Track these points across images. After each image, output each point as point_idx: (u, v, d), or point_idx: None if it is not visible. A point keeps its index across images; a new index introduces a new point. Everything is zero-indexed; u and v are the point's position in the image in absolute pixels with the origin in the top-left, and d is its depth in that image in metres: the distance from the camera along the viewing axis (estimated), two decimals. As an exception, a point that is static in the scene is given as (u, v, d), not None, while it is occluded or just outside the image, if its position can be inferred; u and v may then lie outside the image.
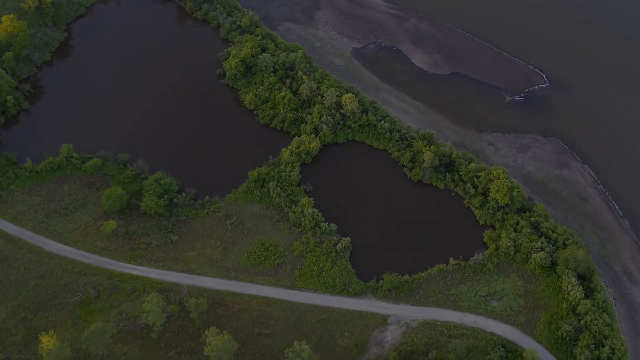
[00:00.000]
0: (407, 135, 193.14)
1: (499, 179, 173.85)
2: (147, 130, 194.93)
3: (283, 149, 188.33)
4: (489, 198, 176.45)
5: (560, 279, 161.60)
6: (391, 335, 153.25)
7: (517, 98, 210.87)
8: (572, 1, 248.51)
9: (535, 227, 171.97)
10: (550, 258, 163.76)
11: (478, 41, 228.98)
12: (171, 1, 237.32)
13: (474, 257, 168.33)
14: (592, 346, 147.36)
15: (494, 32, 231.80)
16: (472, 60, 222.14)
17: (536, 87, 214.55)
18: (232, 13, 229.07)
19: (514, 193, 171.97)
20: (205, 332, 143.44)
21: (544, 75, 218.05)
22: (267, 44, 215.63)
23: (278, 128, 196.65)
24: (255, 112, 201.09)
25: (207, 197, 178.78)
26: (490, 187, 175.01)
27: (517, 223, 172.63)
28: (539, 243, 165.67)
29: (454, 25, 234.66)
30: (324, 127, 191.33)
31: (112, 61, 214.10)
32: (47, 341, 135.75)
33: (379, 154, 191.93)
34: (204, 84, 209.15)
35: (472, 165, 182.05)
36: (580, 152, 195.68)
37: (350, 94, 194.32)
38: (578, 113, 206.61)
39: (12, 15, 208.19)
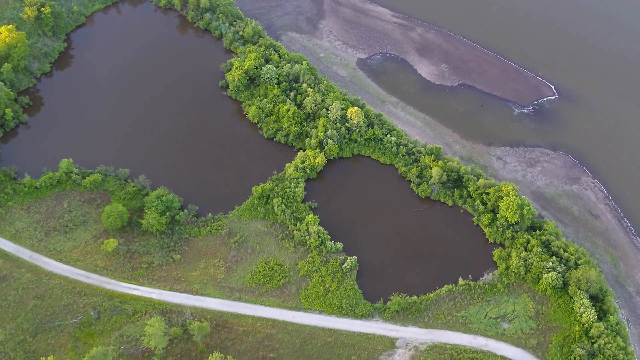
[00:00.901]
0: (414, 149, 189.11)
1: (509, 196, 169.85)
2: (148, 143, 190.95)
3: (287, 164, 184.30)
4: (498, 215, 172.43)
5: (573, 301, 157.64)
6: (399, 359, 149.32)
7: (525, 110, 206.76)
8: (581, 11, 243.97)
9: (546, 245, 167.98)
10: (562, 278, 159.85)
11: (485, 51, 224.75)
12: (173, 10, 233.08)
13: (483, 277, 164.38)
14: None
15: (501, 42, 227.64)
16: (479, 71, 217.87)
17: (545, 99, 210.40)
18: (234, 23, 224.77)
19: (524, 211, 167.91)
20: (209, 358, 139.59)
21: (553, 87, 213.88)
22: (270, 55, 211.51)
23: (282, 142, 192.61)
24: (258, 125, 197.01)
25: (210, 214, 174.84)
26: (500, 204, 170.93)
27: (528, 242, 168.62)
28: (550, 263, 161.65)
29: (460, 35, 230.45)
30: (329, 141, 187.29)
31: (112, 72, 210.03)
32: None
33: (385, 169, 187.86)
34: (207, 96, 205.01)
35: (481, 181, 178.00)
36: (591, 167, 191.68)
37: (356, 108, 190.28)
38: (588, 126, 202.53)
39: (10, 26, 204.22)
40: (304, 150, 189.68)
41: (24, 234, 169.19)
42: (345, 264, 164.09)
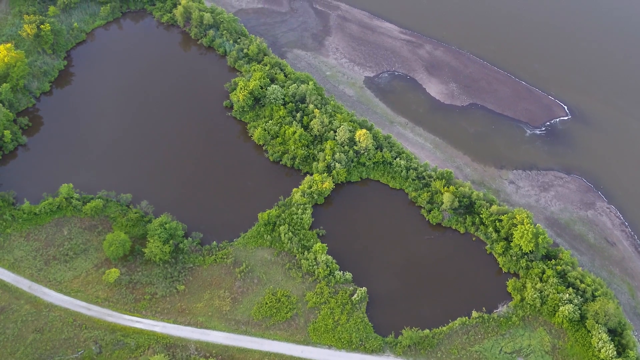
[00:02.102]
0: (424, 173, 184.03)
1: (523, 224, 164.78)
2: (150, 166, 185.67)
3: (294, 189, 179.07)
4: (512, 244, 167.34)
5: (590, 335, 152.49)
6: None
7: (537, 132, 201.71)
8: (594, 28, 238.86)
9: (562, 276, 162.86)
10: (579, 311, 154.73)
11: (495, 69, 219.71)
12: (175, 26, 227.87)
13: (498, 310, 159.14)
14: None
15: (511, 59, 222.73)
16: (489, 90, 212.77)
17: (557, 119, 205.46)
18: (239, 40, 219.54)
19: (539, 240, 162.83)
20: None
21: (566, 107, 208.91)
22: (275, 74, 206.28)
23: (288, 165, 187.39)
24: (264, 147, 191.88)
25: (214, 242, 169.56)
26: (514, 232, 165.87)
27: (543, 272, 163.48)
28: (567, 295, 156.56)
29: (469, 52, 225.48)
30: (337, 165, 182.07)
31: (113, 91, 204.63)
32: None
33: (395, 194, 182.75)
34: (211, 116, 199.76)
35: (494, 207, 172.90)
36: (606, 191, 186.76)
37: (364, 130, 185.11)
38: (602, 148, 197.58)
39: (9, 45, 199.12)
40: (311, 174, 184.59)
41: (23, 263, 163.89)
42: (355, 296, 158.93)
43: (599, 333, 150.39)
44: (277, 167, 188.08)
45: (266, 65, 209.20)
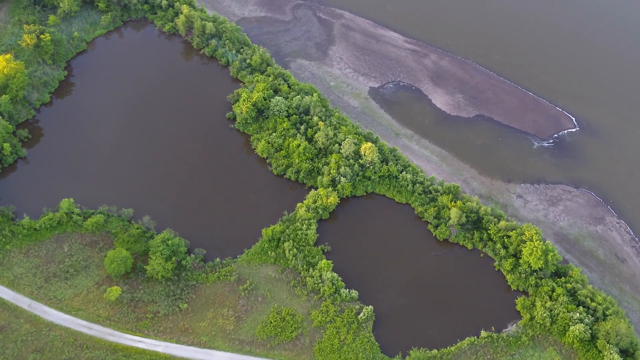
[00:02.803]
0: (430, 187, 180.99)
1: (532, 241, 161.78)
2: (152, 180, 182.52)
3: (299, 204, 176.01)
4: (520, 261, 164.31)
5: (602, 355, 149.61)
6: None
7: (545, 144, 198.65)
8: (602, 38, 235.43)
9: (572, 294, 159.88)
10: (590, 331, 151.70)
11: (502, 80, 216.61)
12: (177, 36, 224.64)
13: (507, 329, 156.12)
14: None
15: (518, 70, 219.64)
16: (496, 101, 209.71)
17: (565, 131, 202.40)
18: (241, 50, 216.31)
19: (549, 257, 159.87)
20: None
21: (574, 119, 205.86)
22: (279, 85, 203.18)
23: (293, 179, 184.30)
24: (267, 160, 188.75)
25: (218, 259, 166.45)
26: (523, 249, 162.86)
27: (553, 290, 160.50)
28: (577, 314, 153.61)
29: (475, 62, 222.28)
30: (342, 179, 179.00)
31: (114, 102, 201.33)
32: None
33: (401, 208, 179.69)
34: (213, 128, 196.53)
35: (502, 223, 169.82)
36: (615, 205, 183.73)
37: (369, 144, 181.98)
38: (611, 161, 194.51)
39: (8, 56, 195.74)
40: (316, 188, 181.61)
41: (23, 280, 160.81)
42: (361, 314, 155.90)
43: (611, 353, 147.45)
44: (281, 181, 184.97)
45: (269, 76, 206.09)
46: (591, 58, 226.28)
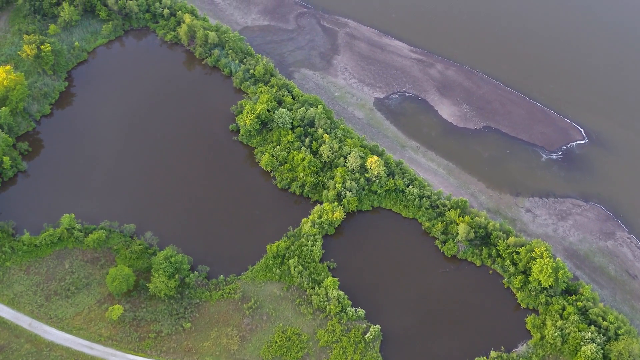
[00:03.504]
0: (437, 202, 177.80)
1: (542, 258, 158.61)
2: (154, 195, 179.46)
3: (304, 219, 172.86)
4: (530, 278, 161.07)
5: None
6: None
7: (554, 156, 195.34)
8: (610, 48, 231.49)
9: (583, 313, 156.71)
10: (602, 351, 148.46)
11: (509, 90, 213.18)
12: (179, 45, 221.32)
13: (517, 349, 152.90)
14: None
15: (525, 80, 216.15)
16: (503, 112, 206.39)
17: (574, 143, 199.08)
18: (244, 60, 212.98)
19: (559, 274, 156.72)
20: None
21: (582, 130, 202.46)
22: (283, 96, 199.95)
23: (297, 193, 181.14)
24: (272, 174, 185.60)
25: (222, 276, 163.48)
26: (532, 266, 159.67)
27: (563, 308, 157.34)
28: (589, 333, 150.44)
29: (482, 72, 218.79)
30: (348, 194, 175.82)
31: (116, 113, 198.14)
32: None
33: (407, 223, 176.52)
34: (216, 141, 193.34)
35: (511, 239, 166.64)
36: (626, 220, 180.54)
37: (375, 157, 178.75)
38: (621, 174, 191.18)
39: (8, 67, 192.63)
40: (321, 203, 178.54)
41: (23, 298, 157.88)
42: (368, 334, 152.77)
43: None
44: (286, 195, 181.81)
45: (273, 87, 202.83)
46: (600, 68, 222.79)
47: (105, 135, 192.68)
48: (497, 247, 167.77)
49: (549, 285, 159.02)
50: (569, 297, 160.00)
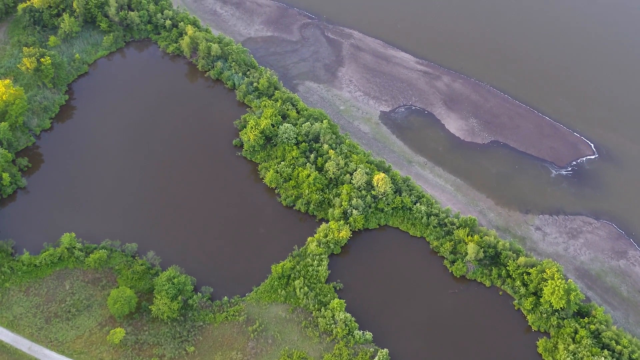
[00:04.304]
0: (446, 220, 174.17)
1: (554, 279, 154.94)
2: (156, 213, 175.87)
3: (309, 238, 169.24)
4: (541, 300, 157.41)
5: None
6: None
7: (563, 172, 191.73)
8: (620, 61, 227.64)
9: (596, 336, 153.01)
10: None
11: (517, 104, 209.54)
12: (181, 57, 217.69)
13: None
14: None
15: (534, 93, 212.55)
16: (512, 126, 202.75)
17: (584, 158, 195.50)
18: (248, 72, 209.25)
19: (571, 296, 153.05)
20: None
21: (592, 145, 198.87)
22: (287, 110, 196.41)
23: (302, 211, 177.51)
24: (276, 191, 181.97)
25: (225, 297, 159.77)
26: (544, 287, 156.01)
27: (576, 331, 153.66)
28: (602, 358, 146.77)
29: (489, 84, 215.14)
30: (354, 211, 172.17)
31: (117, 128, 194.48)
32: None
33: (415, 242, 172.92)
34: (220, 156, 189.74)
35: (521, 259, 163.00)
36: (638, 239, 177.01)
37: (382, 175, 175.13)
38: (632, 190, 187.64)
39: (7, 81, 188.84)
40: (327, 221, 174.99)
41: (23, 320, 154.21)
42: (376, 358, 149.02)
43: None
44: (291, 213, 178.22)
45: (277, 101, 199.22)
46: (610, 81, 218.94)
47: (106, 150, 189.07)
48: (507, 267, 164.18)
49: (561, 307, 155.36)
50: (581, 320, 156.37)
